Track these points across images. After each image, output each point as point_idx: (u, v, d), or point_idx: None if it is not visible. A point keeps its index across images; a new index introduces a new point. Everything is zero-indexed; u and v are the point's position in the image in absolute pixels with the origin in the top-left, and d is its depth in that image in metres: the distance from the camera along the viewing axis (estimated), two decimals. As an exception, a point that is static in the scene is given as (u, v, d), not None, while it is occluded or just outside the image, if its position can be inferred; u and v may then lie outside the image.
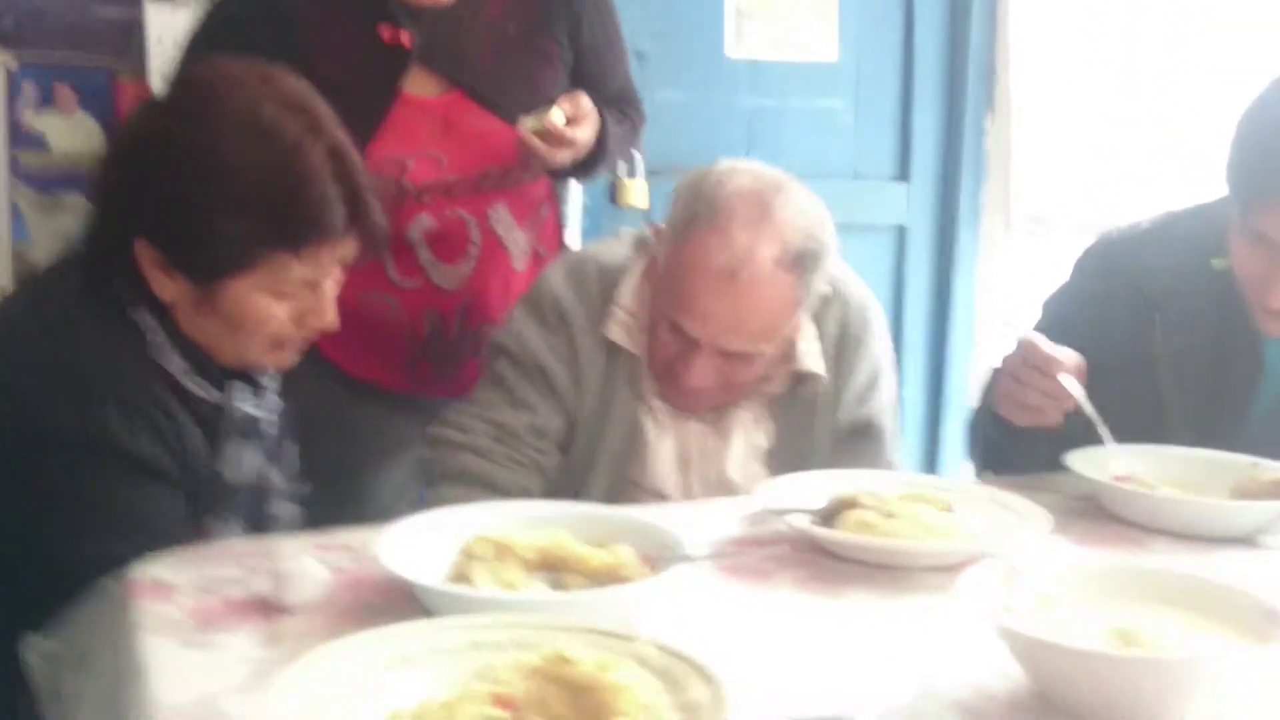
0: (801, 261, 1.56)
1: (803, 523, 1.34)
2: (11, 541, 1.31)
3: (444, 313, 1.90)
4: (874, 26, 3.04)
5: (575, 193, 2.69)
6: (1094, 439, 1.58)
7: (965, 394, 3.17)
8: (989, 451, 1.81)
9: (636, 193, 2.77)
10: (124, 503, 1.33)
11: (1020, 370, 1.58)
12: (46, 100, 2.16)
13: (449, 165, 1.84)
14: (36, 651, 1.20)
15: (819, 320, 1.71)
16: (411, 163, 1.82)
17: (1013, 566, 1.09)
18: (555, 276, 1.71)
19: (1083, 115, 3.18)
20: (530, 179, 1.92)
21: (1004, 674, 1.02)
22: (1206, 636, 1.02)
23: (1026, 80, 3.15)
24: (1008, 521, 1.38)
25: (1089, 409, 1.56)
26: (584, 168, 1.94)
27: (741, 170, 1.60)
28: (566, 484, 1.67)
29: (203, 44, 1.84)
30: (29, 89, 2.15)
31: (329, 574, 1.17)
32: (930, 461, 3.18)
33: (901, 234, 3.15)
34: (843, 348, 1.72)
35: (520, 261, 1.97)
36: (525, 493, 1.61)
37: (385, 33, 1.79)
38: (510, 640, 0.95)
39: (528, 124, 1.79)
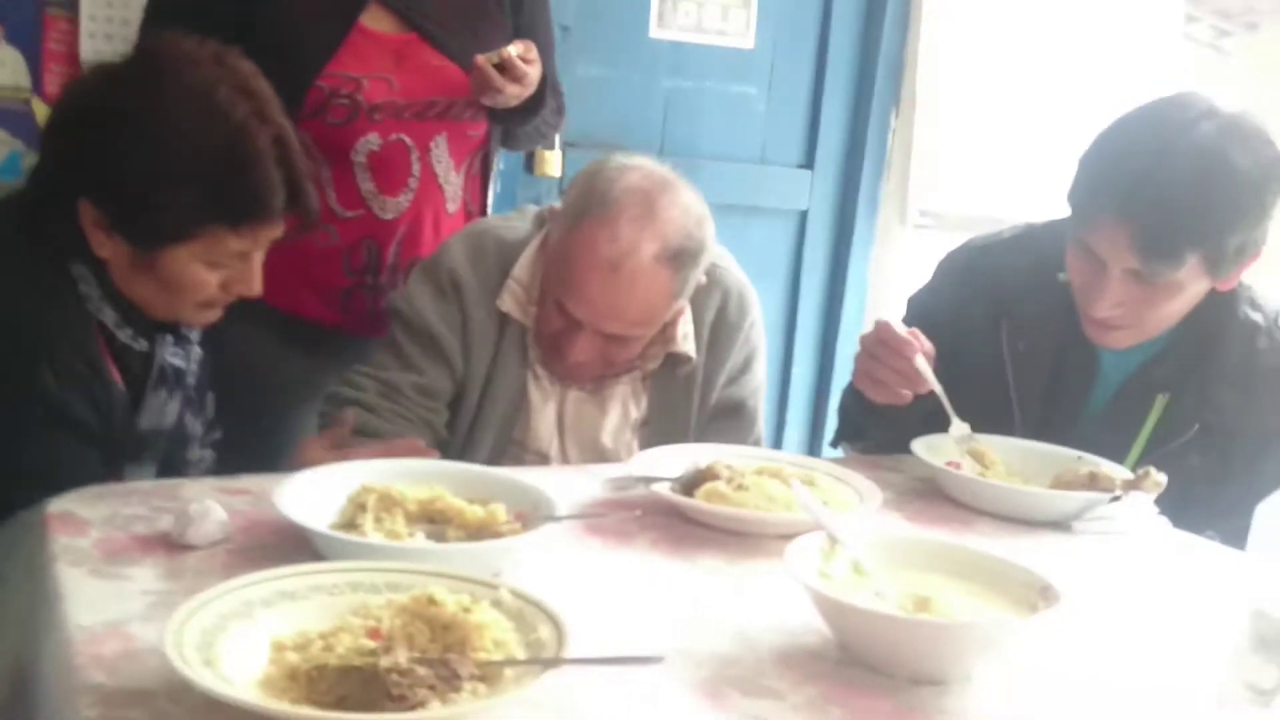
0: (679, 258, 1.70)
1: (664, 489, 1.49)
2: None
3: (380, 243, 2.03)
4: (791, 17, 3.16)
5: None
6: (944, 423, 1.75)
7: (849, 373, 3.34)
8: (849, 424, 1.99)
9: (552, 163, 2.89)
10: (49, 455, 1.42)
11: (876, 348, 1.74)
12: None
13: (400, 89, 1.98)
14: (-44, 576, 1.31)
15: (697, 306, 1.86)
16: (366, 81, 1.95)
17: (834, 537, 1.25)
18: (455, 249, 1.83)
19: (982, 117, 3.35)
20: (472, 116, 2.05)
21: (815, 630, 1.18)
22: (987, 606, 1.18)
23: (932, 80, 3.30)
24: (846, 496, 1.54)
25: (938, 389, 1.71)
26: (521, 115, 2.06)
27: (633, 167, 1.74)
28: (455, 441, 1.81)
29: None
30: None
31: (228, 516, 1.28)
32: (814, 434, 3.36)
33: (803, 219, 3.30)
34: (718, 332, 1.88)
35: (453, 204, 2.11)
36: None
37: None
38: (385, 583, 1.09)
39: (485, 55, 1.94)
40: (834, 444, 2.03)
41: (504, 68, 1.94)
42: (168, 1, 2.00)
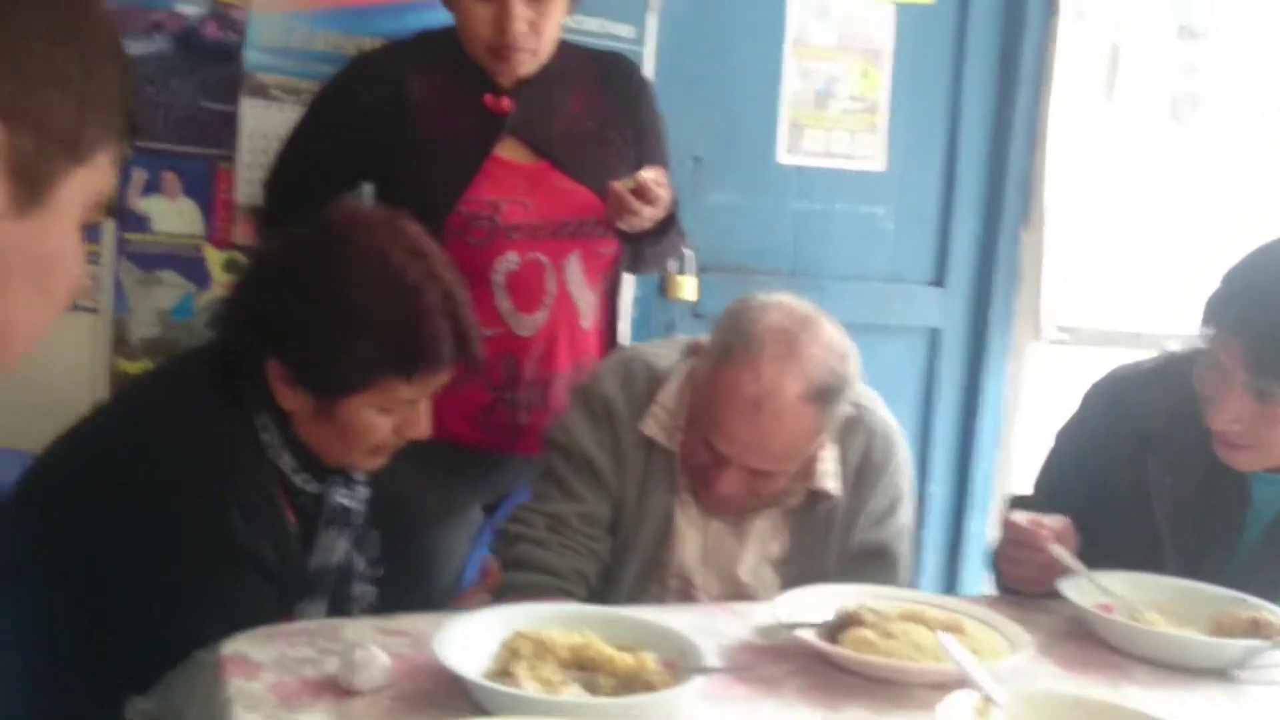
0: (823, 395, 1.73)
1: (809, 636, 1.50)
2: (126, 614, 1.48)
3: (518, 358, 2.12)
4: (920, 140, 3.18)
5: (627, 285, 2.87)
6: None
7: (990, 494, 3.29)
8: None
9: (686, 287, 2.94)
10: (236, 596, 1.50)
11: (1012, 550, 1.76)
12: (153, 185, 2.38)
13: (534, 210, 2.10)
14: (138, 711, 1.38)
15: (843, 444, 1.86)
16: (503, 205, 2.08)
17: (988, 697, 1.24)
18: (607, 374, 1.89)
19: (1116, 231, 3.32)
20: (603, 234, 2.14)
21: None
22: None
23: (1062, 194, 3.29)
24: (995, 643, 1.52)
25: (1082, 570, 1.71)
26: (654, 236, 2.14)
27: (775, 305, 1.77)
28: (607, 565, 1.84)
29: (325, 114, 2.15)
30: (138, 175, 2.36)
31: (390, 661, 1.33)
32: (953, 559, 3.30)
33: (935, 337, 3.28)
34: (863, 472, 1.87)
35: (586, 321, 2.19)
36: (579, 575, 1.79)
37: (488, 100, 2.10)
38: (543, 740, 1.12)
39: (621, 182, 2.04)
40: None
41: (638, 192, 2.03)
42: (307, 140, 2.15)
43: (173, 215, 2.39)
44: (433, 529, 2.16)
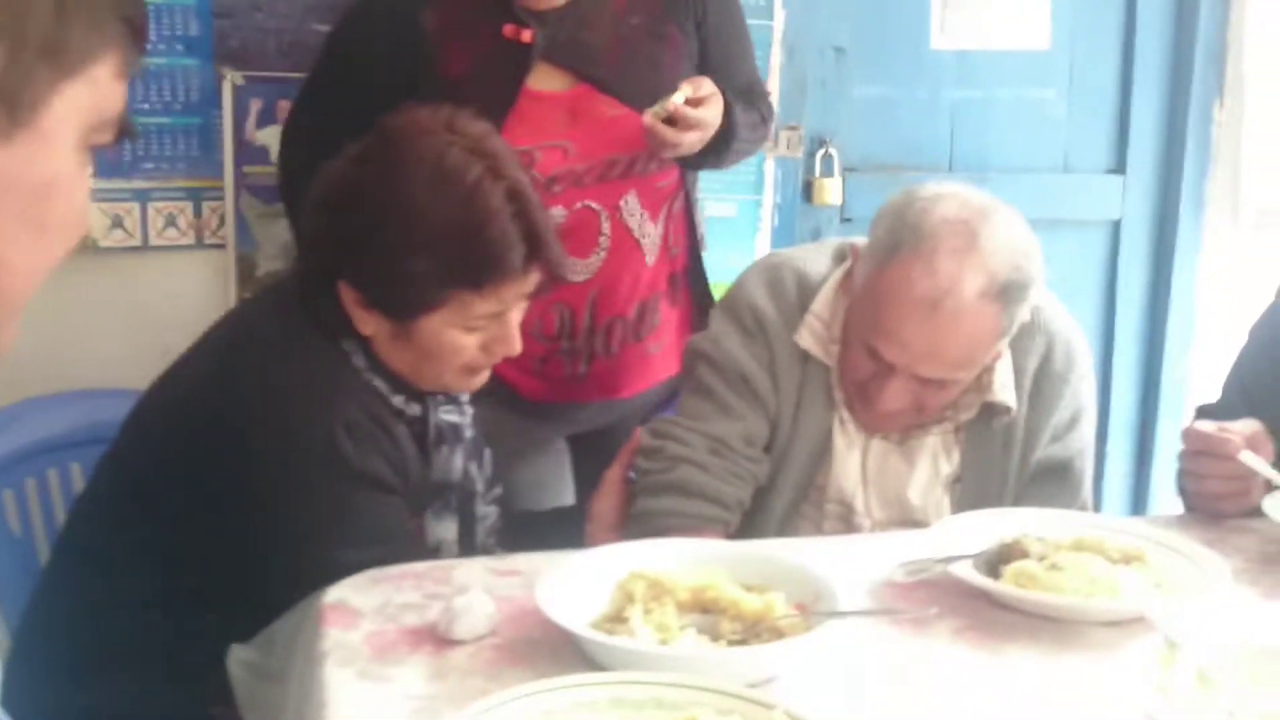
0: (1006, 292, 1.52)
1: (965, 570, 1.33)
2: (242, 550, 1.43)
3: (573, 305, 1.93)
4: (1090, 9, 2.88)
5: (767, 191, 2.69)
6: None
7: (1180, 399, 3.00)
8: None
9: (831, 191, 2.74)
10: (362, 516, 1.44)
11: (1196, 463, 1.55)
12: (269, 115, 2.31)
13: (576, 153, 1.87)
14: (239, 660, 1.33)
15: (1018, 353, 1.66)
16: (539, 153, 1.85)
17: (1173, 640, 1.05)
18: (753, 283, 1.73)
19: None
20: (658, 168, 1.93)
21: (1155, 758, 1.00)
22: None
23: (1261, 62, 2.93)
24: (1184, 574, 1.32)
25: (1279, 480, 1.48)
26: (712, 153, 1.92)
27: (948, 195, 1.57)
28: (759, 487, 1.70)
29: (334, 62, 1.95)
30: (253, 105, 2.30)
31: (495, 608, 1.23)
32: (1139, 477, 3.04)
33: (1116, 229, 2.99)
34: (1041, 383, 1.68)
35: (651, 256, 1.97)
36: (739, 505, 1.65)
37: (508, 30, 1.85)
38: (651, 699, 0.99)
39: (651, 111, 1.81)
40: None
41: (673, 119, 1.80)
42: (318, 90, 1.98)
43: (292, 144, 2.32)
44: (514, 464, 1.95)
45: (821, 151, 2.73)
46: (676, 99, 1.79)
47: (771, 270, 1.74)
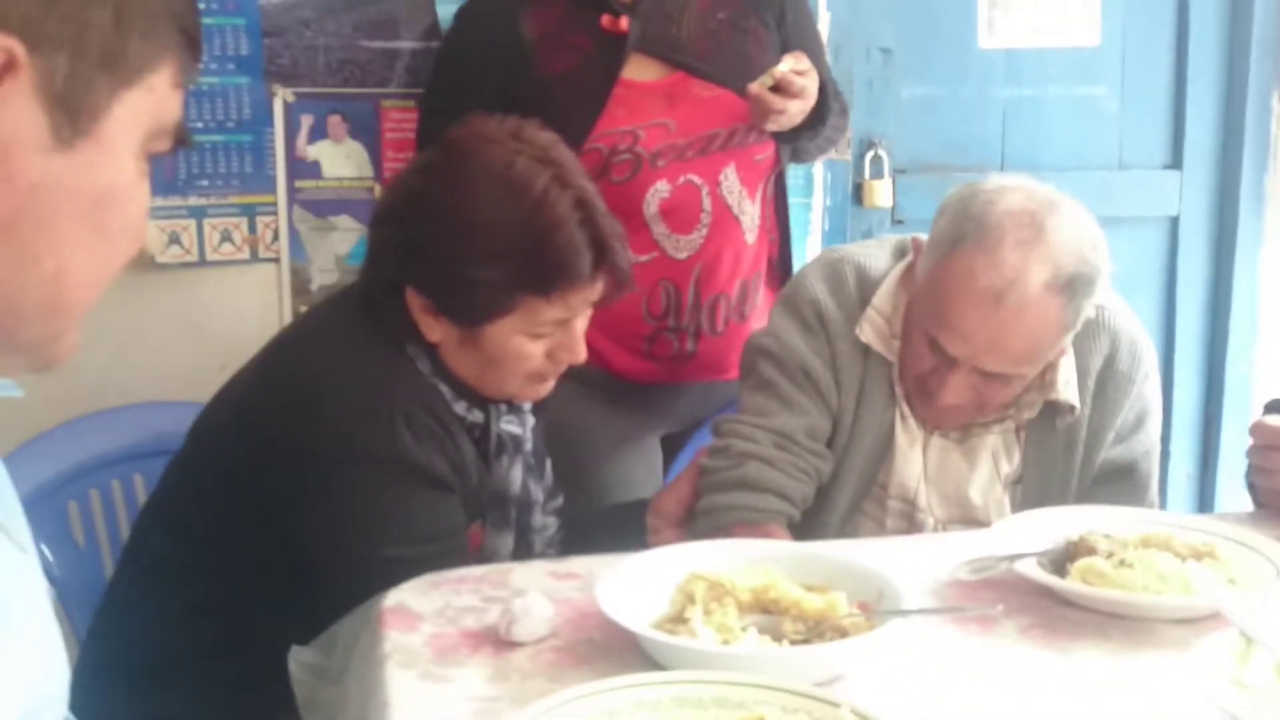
0: (1072, 286, 1.50)
1: (1030, 568, 1.30)
2: (307, 550, 1.44)
3: (678, 282, 1.98)
4: (1141, 4, 2.83)
5: (817, 194, 2.67)
6: None
7: (1245, 396, 2.94)
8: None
9: (881, 192, 2.72)
10: (418, 512, 1.45)
11: (1265, 459, 1.52)
12: (319, 130, 2.34)
13: (677, 130, 1.93)
14: (299, 662, 1.33)
15: (1081, 352, 1.64)
16: (642, 132, 1.92)
17: (1249, 635, 1.03)
18: (812, 278, 1.72)
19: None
20: (756, 140, 1.98)
21: (1235, 755, 0.97)
22: None
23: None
24: (1258, 570, 1.29)
25: None
26: (808, 129, 1.96)
27: (1013, 188, 1.55)
28: (821, 482, 1.69)
29: (445, 69, 2.05)
30: (305, 121, 2.33)
31: (554, 611, 1.23)
32: (1204, 475, 2.97)
33: (1174, 226, 2.94)
34: (1105, 383, 1.66)
35: (751, 234, 2.02)
36: (805, 501, 1.64)
37: (605, 21, 1.93)
38: (713, 698, 0.98)
39: (759, 81, 1.87)
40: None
41: (779, 88, 1.85)
42: (436, 98, 2.05)
43: (341, 159, 2.35)
44: (605, 462, 2.03)
45: (871, 153, 2.71)
46: (782, 67, 1.86)
47: (831, 265, 1.73)
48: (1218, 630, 1.09)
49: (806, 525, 1.65)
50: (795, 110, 1.88)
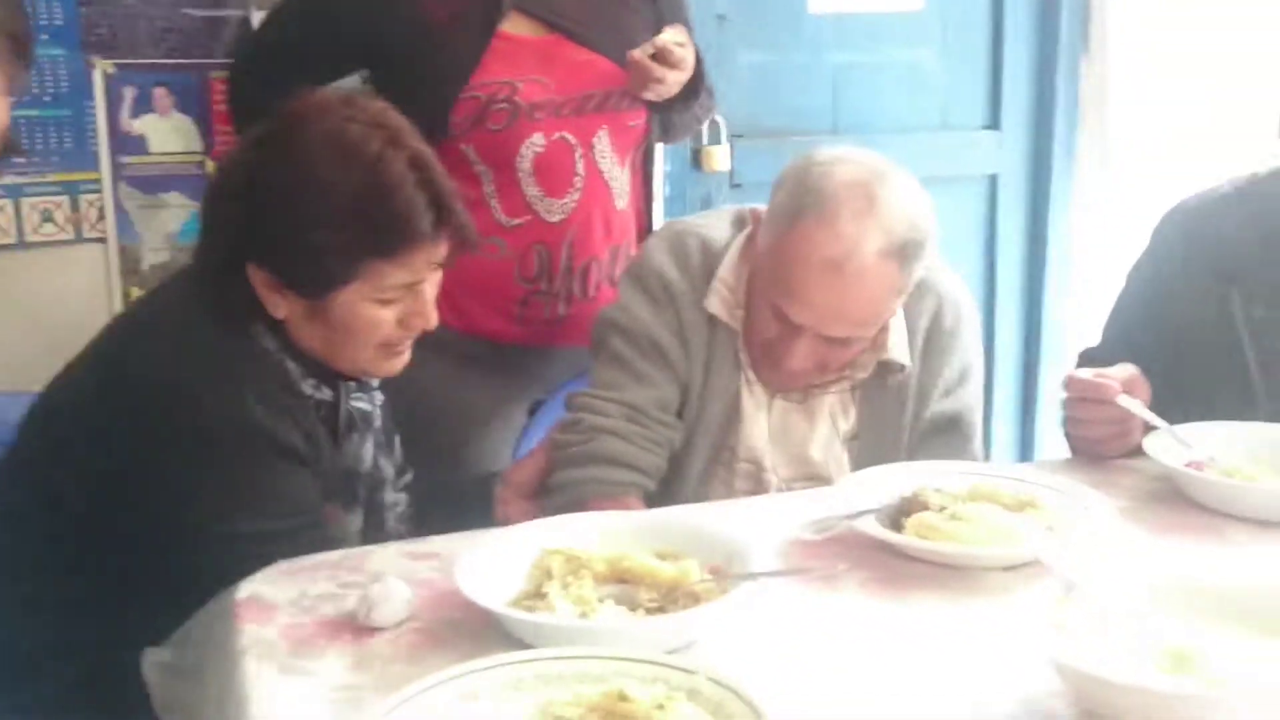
0: (905, 251, 1.59)
1: (869, 525, 1.37)
2: (149, 547, 1.41)
3: (550, 246, 1.99)
4: (960, -30, 2.96)
5: (657, 160, 2.70)
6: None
7: (1062, 344, 3.11)
8: None
9: (719, 157, 2.77)
10: (271, 485, 1.44)
11: (1078, 409, 1.62)
12: (144, 104, 2.25)
13: (555, 88, 1.95)
14: (153, 663, 1.31)
15: (909, 311, 1.73)
16: (520, 84, 1.92)
17: (1067, 581, 1.11)
18: (657, 250, 1.76)
19: (1188, 50, 3.05)
20: (630, 105, 2.00)
21: (1057, 693, 1.05)
22: (1262, 655, 1.02)
23: (1125, 16, 3.03)
24: (1074, 515, 1.39)
25: (1157, 421, 1.57)
26: (682, 101, 2.01)
27: (846, 159, 1.62)
28: (673, 451, 1.74)
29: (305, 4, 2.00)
30: (127, 94, 2.24)
31: (412, 593, 1.24)
32: (1026, 421, 3.15)
33: (994, 184, 3.09)
34: (932, 341, 1.75)
35: (621, 200, 2.05)
36: (658, 471, 1.69)
37: None
38: (574, 674, 1.01)
39: (640, 50, 1.91)
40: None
41: (660, 57, 1.89)
42: (289, 22, 2.01)
43: (168, 133, 2.27)
44: (472, 433, 2.04)
45: (709, 119, 2.75)
46: (665, 37, 1.90)
47: (675, 238, 1.77)
48: (1041, 577, 1.16)
49: (662, 493, 1.70)
50: (673, 80, 1.92)
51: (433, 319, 1.53)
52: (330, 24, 1.94)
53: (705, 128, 2.74)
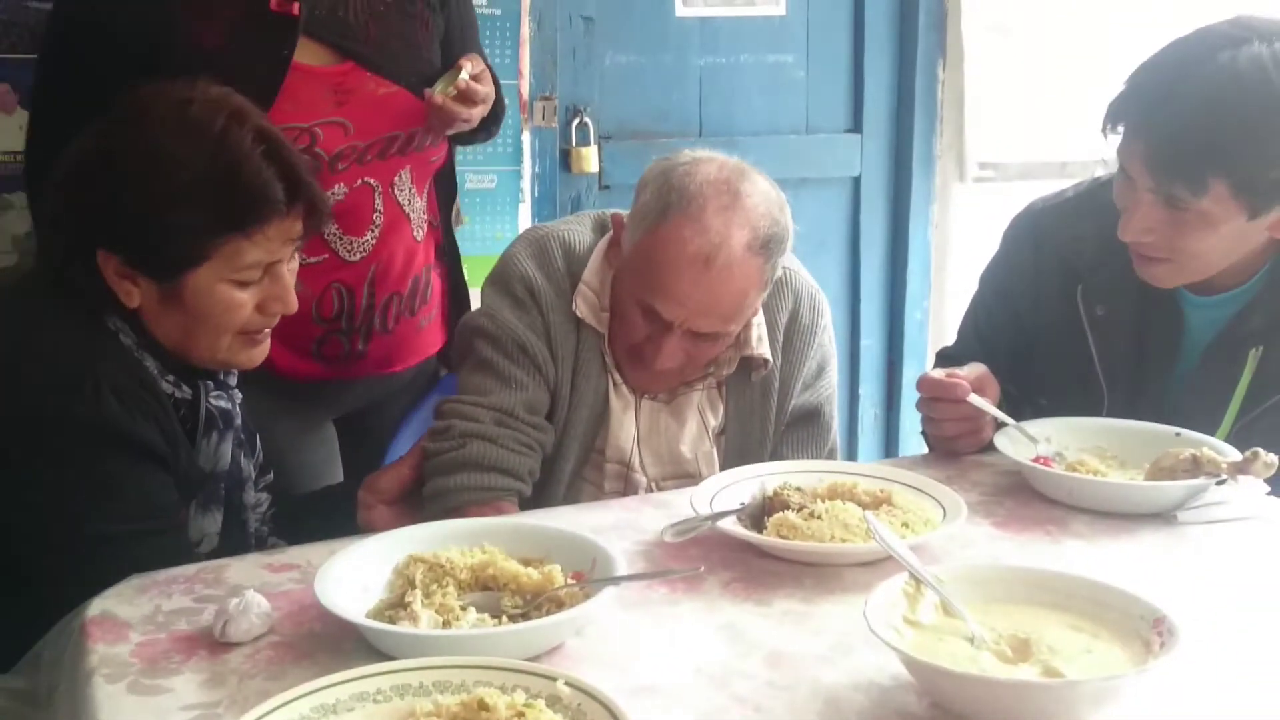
0: (768, 245, 1.64)
1: (731, 525, 1.40)
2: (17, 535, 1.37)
3: (351, 285, 1.91)
4: (822, -23, 3.02)
5: (526, 162, 2.70)
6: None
7: (922, 341, 3.21)
8: None
9: (589, 159, 2.78)
10: (129, 485, 1.40)
11: (931, 409, 1.68)
12: (-14, 101, 2.16)
13: (356, 131, 1.84)
14: (5, 692, 1.26)
15: (769, 308, 1.78)
16: (319, 131, 1.81)
17: (917, 575, 1.15)
18: (520, 255, 1.76)
19: (1040, 59, 3.18)
20: (433, 142, 1.95)
21: (908, 685, 1.08)
22: (1095, 644, 1.07)
23: (979, 23, 3.13)
24: (928, 511, 1.43)
25: (1003, 417, 1.64)
26: (482, 129, 1.98)
27: (706, 159, 1.67)
28: (545, 454, 1.73)
29: (62, 32, 1.80)
30: (-33, 91, 2.15)
31: (270, 606, 1.21)
32: (890, 414, 3.24)
33: (856, 185, 3.17)
34: (791, 337, 1.80)
35: (420, 230, 1.98)
36: (531, 475, 1.68)
37: (274, 2, 1.77)
38: (434, 683, 1.01)
39: (439, 89, 1.84)
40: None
41: (462, 96, 1.83)
42: (57, 71, 1.80)
43: (14, 131, 2.17)
44: (286, 453, 1.91)
45: (576, 121, 2.77)
46: (464, 76, 1.83)
47: (537, 243, 1.78)
48: (895, 572, 1.20)
49: (534, 495, 1.71)
50: (477, 115, 1.88)
51: (292, 303, 1.51)
52: (93, 78, 1.67)
53: (574, 129, 2.76)
